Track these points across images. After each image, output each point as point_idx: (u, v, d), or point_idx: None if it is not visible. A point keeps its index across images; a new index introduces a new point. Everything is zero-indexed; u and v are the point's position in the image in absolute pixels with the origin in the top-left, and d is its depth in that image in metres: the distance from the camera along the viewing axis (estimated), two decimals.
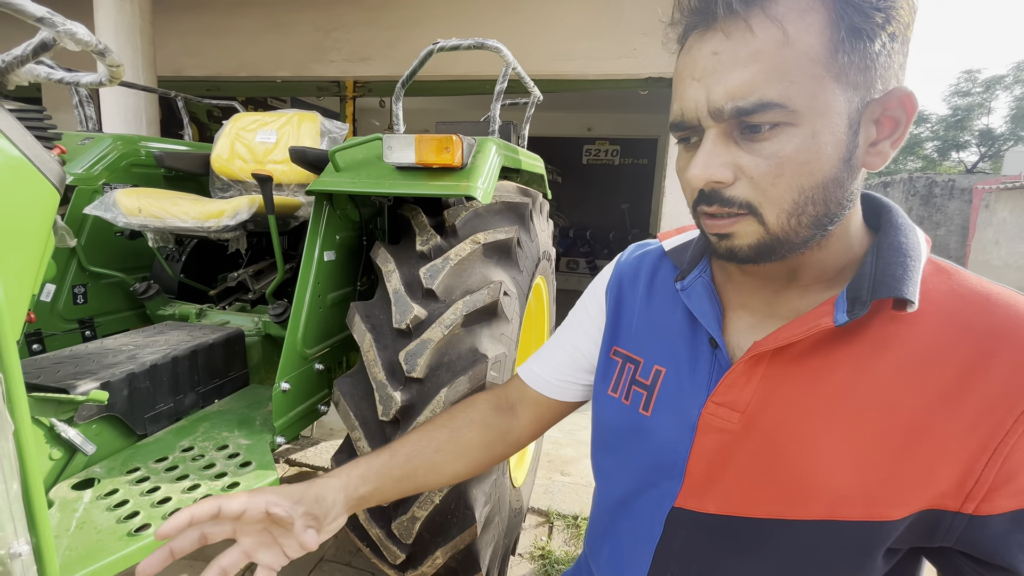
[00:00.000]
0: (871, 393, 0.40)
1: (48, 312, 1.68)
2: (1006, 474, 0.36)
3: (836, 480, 0.40)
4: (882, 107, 0.38)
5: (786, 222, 0.39)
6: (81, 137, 1.89)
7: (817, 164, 0.37)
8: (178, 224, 1.56)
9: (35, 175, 0.94)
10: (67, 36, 0.97)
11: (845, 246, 0.43)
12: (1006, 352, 0.37)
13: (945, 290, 0.41)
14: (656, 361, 0.52)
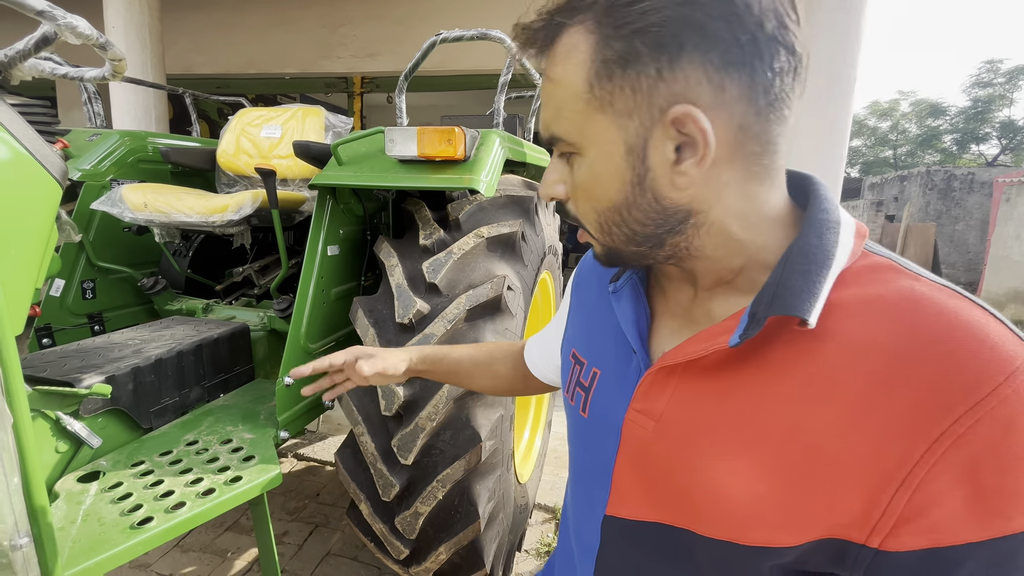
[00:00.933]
0: (774, 414, 0.37)
1: (58, 307, 1.70)
2: (915, 508, 0.32)
3: (737, 501, 0.38)
4: (674, 129, 0.36)
5: (604, 238, 0.42)
6: (89, 133, 1.91)
7: (601, 190, 0.40)
8: (183, 219, 1.56)
9: (37, 169, 0.94)
10: (68, 30, 0.97)
11: (733, 251, 0.40)
12: (920, 370, 0.32)
13: (863, 296, 0.36)
14: (595, 363, 0.51)
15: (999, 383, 0.30)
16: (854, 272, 0.37)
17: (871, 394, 0.33)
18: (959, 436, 0.31)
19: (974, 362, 0.31)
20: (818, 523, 0.35)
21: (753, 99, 0.35)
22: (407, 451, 1.24)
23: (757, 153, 0.37)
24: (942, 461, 0.31)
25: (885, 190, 13.72)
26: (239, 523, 2.17)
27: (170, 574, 1.87)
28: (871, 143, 22.44)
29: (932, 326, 0.33)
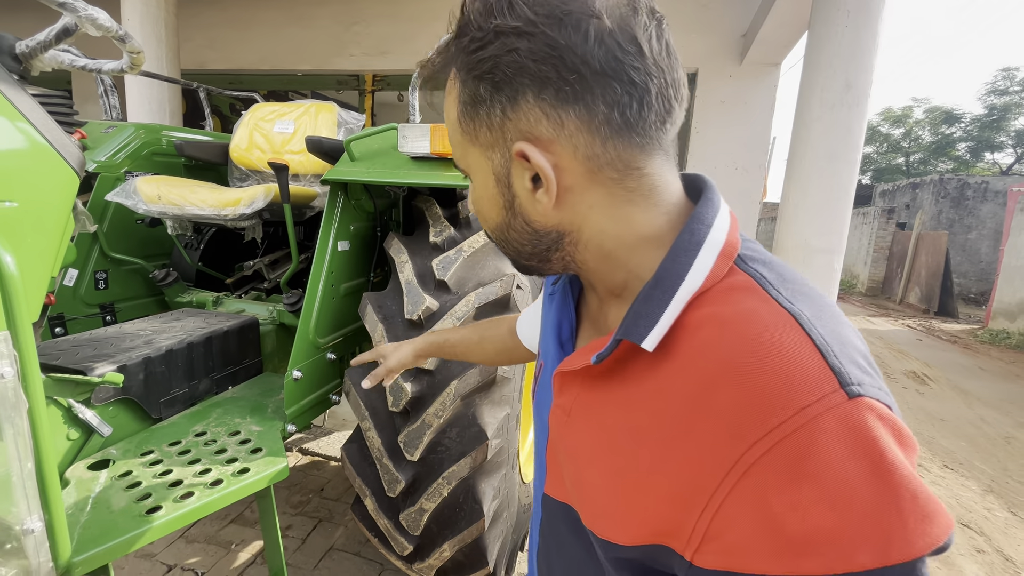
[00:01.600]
0: (626, 420, 0.39)
1: (71, 297, 1.72)
2: (715, 530, 0.33)
3: (594, 493, 0.42)
4: (526, 161, 0.39)
5: (502, 250, 0.47)
6: (105, 125, 1.93)
7: (486, 212, 0.44)
8: (196, 212, 1.57)
9: (56, 159, 0.95)
10: (88, 21, 0.98)
11: (613, 266, 0.43)
12: (725, 396, 0.33)
13: (708, 317, 0.37)
14: (542, 356, 0.56)
15: (789, 416, 0.30)
16: (712, 292, 0.38)
17: (689, 414, 0.35)
18: (750, 465, 0.31)
19: (771, 393, 0.31)
20: (648, 528, 0.37)
21: (594, 130, 0.37)
22: (413, 447, 1.25)
23: (616, 178, 0.39)
24: (737, 488, 0.32)
25: (897, 197, 13.58)
26: (243, 515, 2.18)
27: (175, 564, 1.89)
28: (883, 150, 22.22)
29: (745, 353, 0.33)
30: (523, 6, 0.35)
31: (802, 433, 0.30)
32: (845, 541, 0.29)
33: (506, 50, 0.35)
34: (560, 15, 0.34)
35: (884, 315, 9.03)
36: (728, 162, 3.72)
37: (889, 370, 5.50)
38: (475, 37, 0.37)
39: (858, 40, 1.83)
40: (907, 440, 0.31)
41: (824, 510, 0.29)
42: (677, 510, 0.35)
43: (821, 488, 0.29)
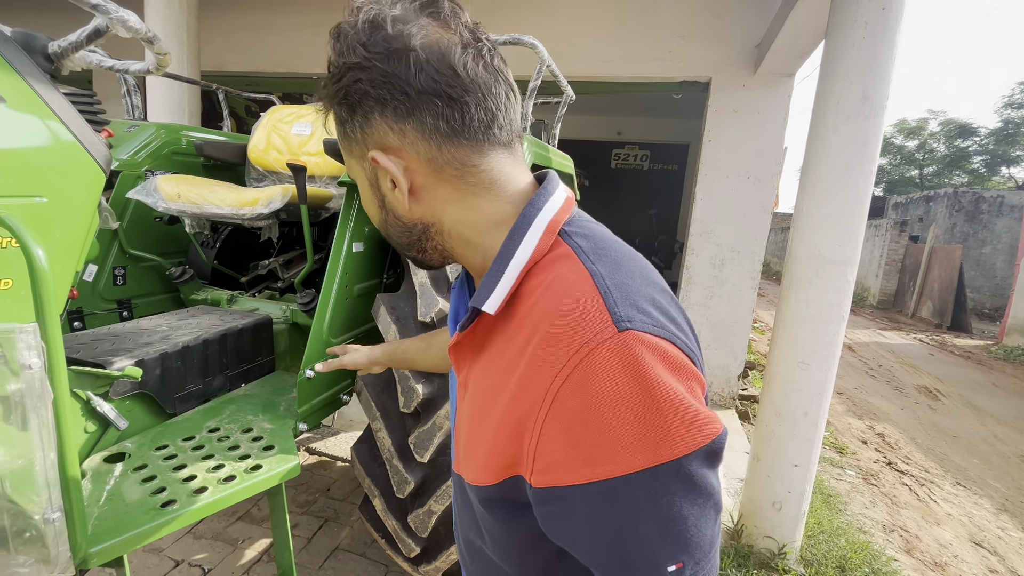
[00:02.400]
0: (486, 380, 0.47)
1: (90, 291, 1.75)
2: (539, 453, 0.40)
3: (463, 449, 0.50)
4: (382, 168, 0.47)
5: (392, 245, 0.55)
6: (127, 125, 1.96)
7: (369, 212, 0.53)
8: (215, 211, 1.60)
9: (84, 156, 0.98)
10: (119, 23, 1.00)
11: (473, 251, 0.51)
12: (535, 343, 0.41)
13: (536, 282, 0.45)
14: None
15: (576, 350, 0.38)
16: (542, 263, 0.46)
17: (520, 361, 0.42)
18: (555, 396, 0.39)
19: (565, 334, 0.39)
20: (502, 463, 0.44)
21: (428, 137, 0.45)
22: (424, 448, 1.25)
23: (457, 175, 0.47)
24: (549, 416, 0.39)
25: (910, 210, 13.43)
26: (250, 513, 2.20)
27: (182, 560, 1.90)
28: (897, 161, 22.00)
29: (553, 306, 0.41)
30: (360, 47, 0.43)
31: (585, 363, 0.38)
32: (622, 447, 0.37)
33: (352, 80, 0.44)
34: (387, 52, 0.43)
35: (896, 328, 8.91)
36: (740, 171, 3.70)
37: (900, 384, 5.43)
38: (333, 73, 0.45)
39: (875, 51, 1.82)
40: (676, 363, 0.39)
41: (604, 424, 0.37)
42: (517, 442, 0.42)
43: (600, 406, 0.37)
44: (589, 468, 0.38)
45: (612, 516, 0.38)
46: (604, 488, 0.38)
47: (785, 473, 2.07)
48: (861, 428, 4.15)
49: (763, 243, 3.80)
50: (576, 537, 0.40)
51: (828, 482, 3.04)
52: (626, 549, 0.39)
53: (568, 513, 0.40)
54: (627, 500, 0.38)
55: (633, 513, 0.38)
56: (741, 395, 4.00)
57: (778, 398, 2.09)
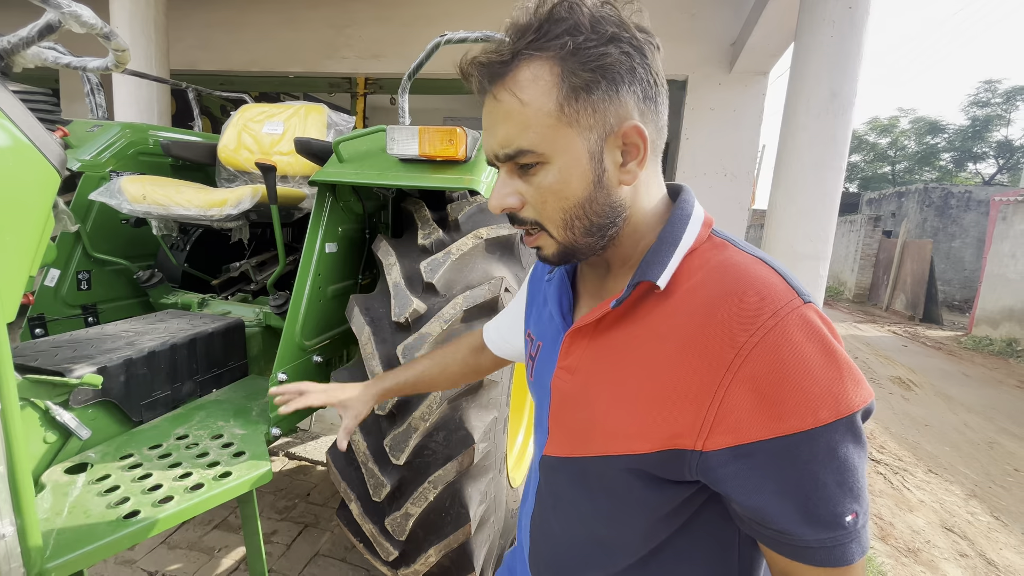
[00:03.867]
0: (636, 354, 0.50)
1: (52, 297, 1.69)
2: (722, 416, 0.43)
3: (610, 422, 0.51)
4: (621, 139, 0.49)
5: (565, 234, 0.51)
6: (91, 124, 1.90)
7: (569, 190, 0.49)
8: (182, 212, 1.55)
9: (36, 156, 0.94)
10: (72, 18, 0.97)
11: (635, 240, 0.54)
12: (721, 313, 0.44)
13: (701, 264, 0.49)
14: (539, 338, 0.65)
15: (768, 317, 0.43)
16: (699, 251, 0.50)
17: (696, 333, 0.45)
18: (745, 358, 0.42)
19: (753, 305, 0.44)
20: (663, 434, 0.47)
21: (653, 119, 0.50)
22: (399, 451, 1.24)
23: (654, 159, 0.52)
24: (736, 378, 0.43)
25: (883, 206, 13.80)
26: (227, 521, 2.15)
27: (156, 571, 1.85)
28: (870, 159, 22.57)
29: (730, 282, 0.46)
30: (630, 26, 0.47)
31: (778, 328, 0.42)
32: (811, 403, 0.41)
33: (621, 52, 0.46)
34: (647, 40, 0.48)
35: (871, 321, 9.14)
36: (717, 168, 3.76)
37: (875, 375, 5.57)
38: (591, 38, 0.46)
39: (843, 50, 1.86)
40: (836, 332, 0.45)
41: (795, 382, 0.41)
42: (689, 411, 0.45)
43: (791, 366, 0.41)
44: (778, 423, 0.41)
45: (796, 470, 0.42)
46: (791, 442, 0.41)
47: None
48: None
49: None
50: (757, 494, 0.43)
51: None
52: (808, 502, 0.42)
53: (751, 470, 0.43)
54: (811, 453, 0.41)
55: (816, 466, 0.41)
56: None
57: None
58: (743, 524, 0.48)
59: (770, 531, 0.44)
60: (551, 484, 0.61)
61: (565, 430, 0.57)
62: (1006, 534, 2.71)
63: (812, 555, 0.43)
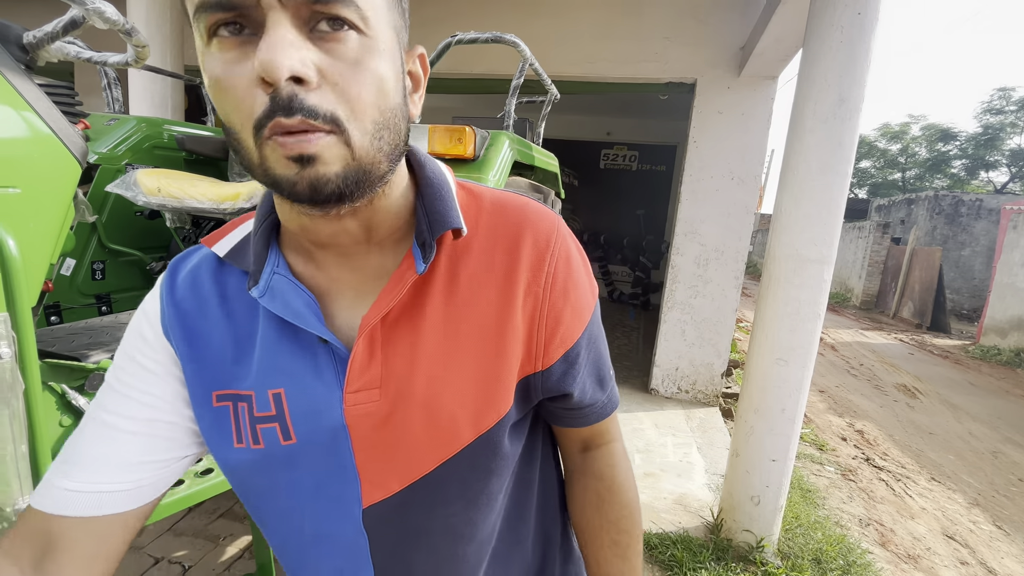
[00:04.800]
0: (459, 317, 0.44)
1: (67, 286, 1.73)
2: (551, 331, 0.47)
3: (467, 403, 0.44)
4: (412, 60, 0.42)
5: (369, 145, 0.35)
6: (107, 118, 1.94)
7: (391, 84, 0.36)
8: (195, 205, 1.59)
9: (59, 147, 0.97)
10: (96, 14, 1.00)
11: (402, 194, 0.44)
12: (525, 240, 0.46)
13: (477, 208, 0.48)
14: (267, 386, 0.43)
15: (554, 236, 0.47)
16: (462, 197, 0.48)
17: (509, 269, 0.45)
18: (552, 274, 0.46)
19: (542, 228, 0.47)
20: (513, 377, 0.46)
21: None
22: None
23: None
24: (551, 292, 0.46)
25: (892, 212, 13.70)
26: (232, 510, 2.18)
27: (162, 557, 1.89)
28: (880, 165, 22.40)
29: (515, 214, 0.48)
30: None
31: (560, 240, 0.47)
32: (589, 292, 0.50)
33: None
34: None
35: (877, 329, 9.09)
36: (724, 172, 3.76)
37: (880, 383, 5.54)
38: None
39: (852, 55, 1.86)
40: None
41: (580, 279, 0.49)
42: (526, 340, 0.46)
43: (575, 267, 0.48)
44: (583, 319, 0.49)
45: (593, 350, 0.51)
46: (588, 330, 0.49)
47: (763, 468, 2.11)
48: (841, 425, 4.23)
49: (747, 243, 3.86)
50: (581, 382, 0.49)
51: (807, 478, 3.10)
52: (600, 371, 0.52)
53: (577, 365, 0.49)
54: (596, 332, 0.51)
55: (599, 342, 0.52)
56: (725, 393, 4.06)
57: (756, 395, 2.13)
58: (559, 419, 0.54)
59: (583, 409, 0.52)
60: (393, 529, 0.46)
61: (392, 458, 0.44)
62: (1008, 543, 2.70)
63: (604, 411, 0.53)
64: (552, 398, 0.51)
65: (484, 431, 0.45)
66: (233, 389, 0.44)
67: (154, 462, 0.45)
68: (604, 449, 0.56)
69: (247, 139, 0.34)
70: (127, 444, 0.43)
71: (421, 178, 0.46)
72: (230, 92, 0.33)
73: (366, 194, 0.38)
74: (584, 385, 0.50)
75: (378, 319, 0.42)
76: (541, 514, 0.58)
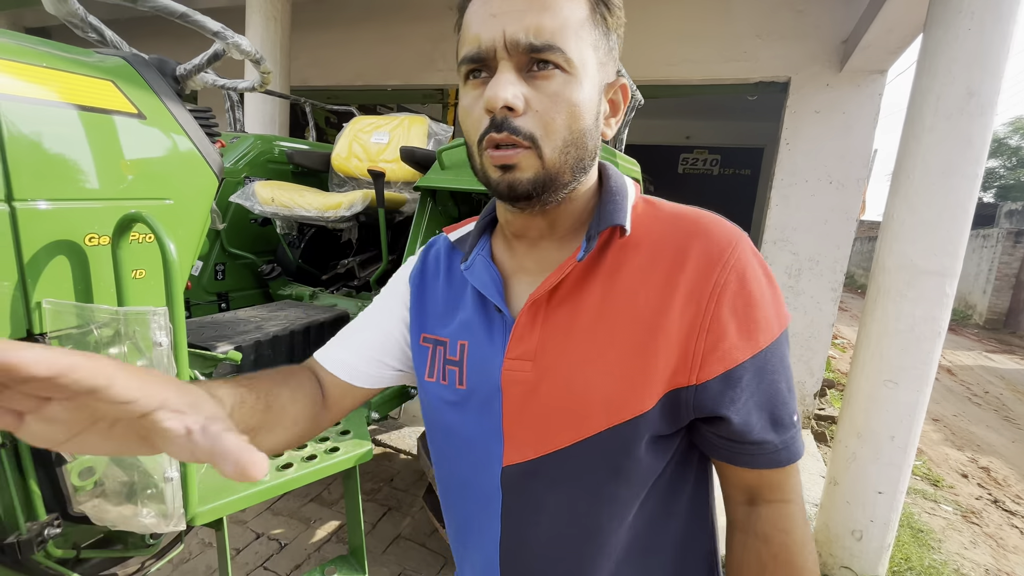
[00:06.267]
0: (615, 308, 0.48)
1: (196, 284, 1.97)
2: (711, 344, 0.45)
3: (605, 390, 0.47)
4: (612, 89, 0.49)
5: (557, 158, 0.45)
6: (230, 136, 2.19)
7: (582, 111, 0.45)
8: (303, 213, 1.75)
9: (202, 164, 1.11)
10: (234, 47, 1.14)
11: (587, 198, 0.52)
12: (694, 248, 0.47)
13: (652, 216, 0.51)
14: (459, 337, 0.55)
15: (731, 250, 0.46)
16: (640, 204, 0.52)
17: (672, 274, 0.47)
18: (721, 287, 0.45)
19: (717, 239, 0.47)
20: (661, 382, 0.46)
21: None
22: None
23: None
24: (717, 306, 0.45)
25: None
26: (321, 496, 2.36)
27: (263, 532, 2.07)
28: (1011, 164, 19.55)
29: (690, 224, 0.49)
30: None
31: (738, 255, 0.46)
32: (769, 319, 0.46)
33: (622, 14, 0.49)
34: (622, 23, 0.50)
35: (1006, 351, 7.90)
36: (822, 176, 3.47)
37: (1011, 414, 4.81)
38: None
39: (983, 43, 1.65)
40: None
41: (758, 301, 0.46)
42: (680, 350, 0.46)
43: (753, 287, 0.46)
44: (754, 342, 0.46)
45: (766, 382, 0.47)
46: (762, 357, 0.46)
47: (867, 500, 1.92)
48: (961, 460, 3.73)
49: (846, 252, 3.54)
50: (745, 411, 0.46)
51: (919, 516, 2.76)
52: (775, 408, 0.47)
53: (740, 390, 0.46)
54: (773, 364, 0.47)
55: (776, 376, 0.47)
56: (818, 415, 3.73)
57: (859, 418, 1.94)
58: (717, 450, 0.50)
59: (746, 445, 0.47)
60: (523, 496, 0.51)
61: (533, 427, 0.50)
62: None
63: (776, 458, 0.48)
64: (707, 420, 0.48)
65: (616, 423, 0.47)
66: (435, 335, 0.58)
67: (379, 360, 0.62)
68: (776, 508, 0.49)
69: (474, 150, 0.47)
70: (370, 339, 0.63)
71: (604, 188, 0.52)
72: (469, 117, 0.47)
73: (552, 197, 0.48)
74: (748, 416, 0.46)
75: (538, 296, 0.49)
76: (682, 556, 0.54)
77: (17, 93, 0.78)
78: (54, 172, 0.83)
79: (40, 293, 0.83)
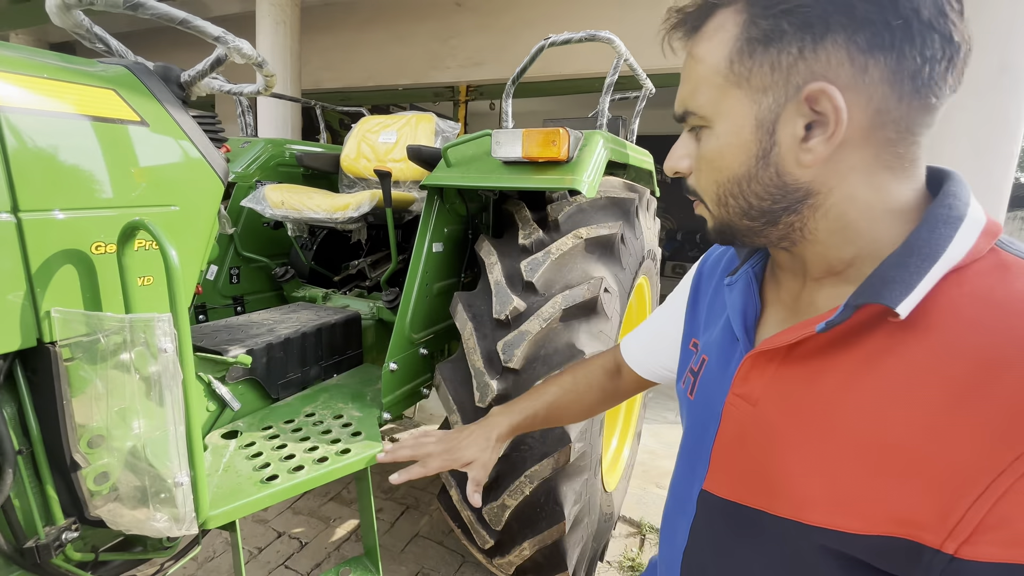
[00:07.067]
0: (855, 403, 0.38)
1: (211, 289, 2.00)
2: (997, 518, 0.31)
3: (804, 481, 0.40)
4: (807, 106, 0.37)
5: (718, 210, 0.45)
6: (242, 141, 2.22)
7: (723, 161, 0.42)
8: (312, 215, 1.75)
9: (208, 170, 1.12)
10: (236, 52, 1.13)
11: (847, 239, 0.41)
12: (1012, 374, 0.31)
13: (975, 294, 0.35)
14: (705, 350, 0.55)
15: None
16: (976, 270, 0.36)
17: (959, 395, 0.33)
18: None
19: None
20: (887, 516, 0.35)
21: (896, 83, 0.35)
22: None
23: (892, 140, 0.37)
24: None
25: None
26: (340, 495, 2.38)
27: (284, 531, 2.10)
28: None
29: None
30: None
31: None
32: None
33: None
34: None
35: None
36: None
37: None
38: None
39: (1016, 14, 1.56)
40: None
41: None
42: (938, 497, 0.33)
43: None
44: None
45: None
46: None
47: None
48: None
49: None
50: None
51: None
52: None
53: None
54: None
55: None
56: None
57: None
58: None
59: None
60: (711, 526, 0.50)
61: (736, 469, 0.47)
62: None
63: None
64: None
65: (805, 521, 0.39)
66: (698, 340, 0.58)
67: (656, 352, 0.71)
68: None
69: None
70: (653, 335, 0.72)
71: (911, 236, 0.38)
72: None
73: (741, 242, 0.47)
74: None
75: (771, 347, 0.44)
76: None
77: (20, 104, 0.79)
78: (58, 182, 0.83)
79: (49, 302, 0.84)
